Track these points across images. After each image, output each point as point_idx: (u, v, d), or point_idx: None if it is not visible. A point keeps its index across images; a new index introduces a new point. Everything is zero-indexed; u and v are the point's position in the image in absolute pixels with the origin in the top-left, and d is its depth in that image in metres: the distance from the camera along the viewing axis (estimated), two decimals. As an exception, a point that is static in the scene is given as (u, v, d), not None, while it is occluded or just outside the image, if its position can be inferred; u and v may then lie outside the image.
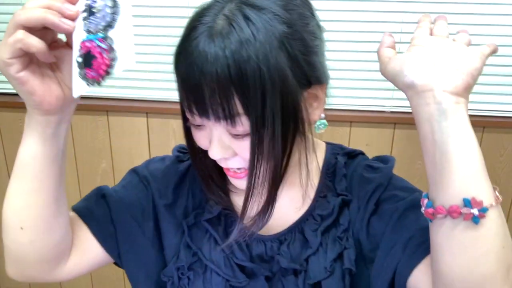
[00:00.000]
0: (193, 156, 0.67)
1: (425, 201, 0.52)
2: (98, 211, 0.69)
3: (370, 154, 0.85)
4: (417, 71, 0.50)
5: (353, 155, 0.73)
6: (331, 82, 0.68)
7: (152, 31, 1.52)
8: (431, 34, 0.57)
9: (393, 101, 1.52)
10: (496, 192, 0.50)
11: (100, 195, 0.71)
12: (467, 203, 0.48)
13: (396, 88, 0.57)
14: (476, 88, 1.62)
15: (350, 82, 1.51)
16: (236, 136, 0.56)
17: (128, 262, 0.70)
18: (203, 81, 0.51)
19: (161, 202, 0.72)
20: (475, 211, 0.47)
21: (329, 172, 0.71)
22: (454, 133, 0.50)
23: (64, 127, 0.59)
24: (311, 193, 0.70)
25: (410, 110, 0.53)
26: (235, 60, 0.50)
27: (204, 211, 0.71)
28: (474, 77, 0.51)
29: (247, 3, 0.53)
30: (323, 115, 0.64)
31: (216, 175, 0.69)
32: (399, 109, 1.52)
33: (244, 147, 0.56)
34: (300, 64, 0.56)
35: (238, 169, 0.61)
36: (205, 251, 0.68)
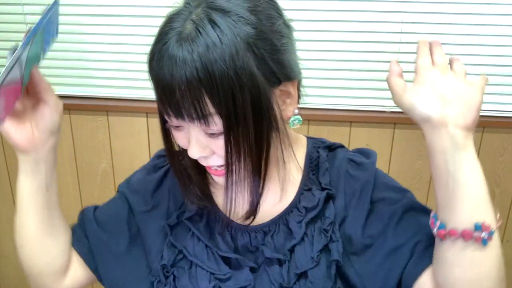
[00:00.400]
0: (171, 158, 0.70)
1: (437, 223, 0.58)
2: (77, 229, 0.79)
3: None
4: (432, 106, 0.55)
5: (333, 148, 0.76)
6: (331, 82, 0.68)
7: (152, 31, 1.52)
8: (432, 63, 0.62)
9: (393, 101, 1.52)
10: (498, 215, 0.57)
11: (81, 214, 0.82)
12: (478, 227, 0.55)
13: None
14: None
15: (350, 82, 1.51)
16: (211, 135, 0.59)
17: (105, 273, 0.76)
18: (174, 84, 0.54)
19: (140, 210, 0.77)
20: (484, 235, 0.55)
21: (312, 165, 0.74)
22: (466, 164, 0.55)
23: (43, 165, 0.67)
24: (295, 186, 0.72)
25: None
26: (202, 62, 0.53)
27: (185, 210, 0.74)
28: (479, 111, 0.56)
29: (213, 8, 0.56)
30: (296, 111, 0.67)
31: (195, 174, 0.71)
32: (399, 109, 1.52)
33: (220, 145, 0.59)
34: (267, 63, 0.58)
35: (219, 166, 0.64)
36: (189, 248, 0.71)
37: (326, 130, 1.53)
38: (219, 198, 0.74)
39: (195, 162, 0.67)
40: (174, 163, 0.70)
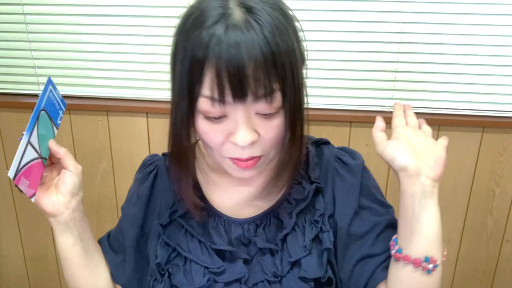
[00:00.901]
0: (181, 161, 0.71)
1: (396, 246, 0.67)
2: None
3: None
4: (409, 159, 0.64)
5: (320, 143, 0.80)
6: (331, 82, 0.70)
7: (152, 31, 1.53)
8: (406, 123, 0.71)
9: (393, 101, 1.52)
10: (445, 252, 0.67)
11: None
12: (427, 260, 0.65)
13: (396, 88, 0.61)
14: (476, 88, 1.63)
15: (350, 82, 1.51)
16: (266, 116, 0.61)
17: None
18: (248, 63, 0.56)
19: (136, 224, 0.80)
20: (431, 266, 0.65)
21: (301, 161, 0.76)
22: (429, 209, 0.64)
23: (71, 223, 0.76)
24: (285, 179, 0.74)
25: (410, 110, 0.55)
26: (272, 41, 0.57)
27: (178, 209, 0.76)
28: (444, 166, 0.65)
29: None
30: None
31: (194, 176, 0.75)
32: (399, 109, 1.52)
33: (272, 125, 0.62)
34: (300, 43, 0.64)
35: (251, 158, 0.65)
36: (183, 245, 0.73)
37: (326, 130, 1.53)
38: (212, 196, 0.76)
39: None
40: (182, 164, 0.72)
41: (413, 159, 0.63)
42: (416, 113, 1.59)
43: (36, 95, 1.66)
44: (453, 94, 1.49)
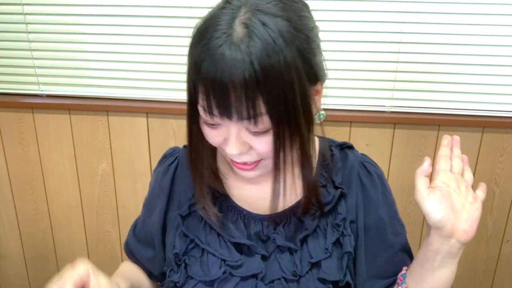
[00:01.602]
0: (195, 155, 0.72)
1: (403, 285, 0.69)
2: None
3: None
4: (446, 221, 0.62)
5: (344, 147, 0.81)
6: (331, 82, 0.70)
7: (152, 31, 1.53)
8: (450, 167, 0.69)
9: (393, 101, 1.52)
10: None
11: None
12: None
13: (396, 88, 0.60)
14: (476, 88, 1.63)
15: (350, 82, 1.51)
16: (255, 133, 0.61)
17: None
18: (230, 85, 0.56)
19: (161, 213, 0.80)
20: None
21: (325, 163, 0.77)
22: (448, 267, 0.65)
23: None
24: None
25: (410, 110, 0.56)
26: (260, 64, 0.55)
27: (198, 201, 0.76)
28: (476, 229, 0.64)
29: (261, 10, 0.58)
30: (321, 107, 0.73)
31: (209, 170, 0.75)
32: (399, 109, 1.52)
33: (262, 142, 0.62)
34: (311, 64, 0.62)
35: (250, 162, 0.66)
36: (202, 237, 0.74)
37: (326, 130, 1.51)
38: (233, 189, 0.77)
39: (214, 163, 0.73)
40: (196, 161, 0.72)
41: (450, 221, 0.62)
42: (416, 113, 1.60)
43: (36, 95, 1.66)
44: (453, 94, 1.49)
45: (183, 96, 1.66)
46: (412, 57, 1.47)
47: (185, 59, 0.63)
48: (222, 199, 0.76)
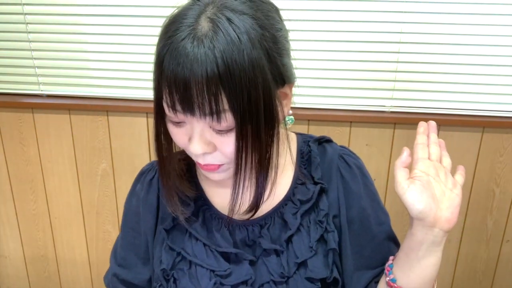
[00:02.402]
0: (161, 159, 0.70)
1: (391, 275, 0.69)
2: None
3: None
4: (428, 211, 0.62)
5: (322, 141, 0.79)
6: (331, 83, 0.69)
7: (152, 31, 1.53)
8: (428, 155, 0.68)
9: (393, 101, 1.52)
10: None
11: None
12: None
13: (396, 88, 0.60)
14: (476, 88, 1.63)
15: (350, 82, 1.51)
16: (219, 131, 0.60)
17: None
18: (192, 80, 0.55)
19: (152, 229, 0.78)
20: None
21: (304, 160, 0.76)
22: (433, 255, 0.66)
23: None
24: (288, 180, 0.75)
25: (410, 110, 0.55)
26: (223, 60, 0.54)
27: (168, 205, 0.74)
28: (458, 213, 0.64)
29: (227, 7, 0.57)
30: (290, 112, 0.70)
31: (181, 177, 0.73)
32: (399, 109, 1.52)
33: (226, 142, 0.61)
34: (277, 65, 0.61)
35: (210, 164, 0.65)
36: (188, 249, 0.72)
37: (326, 130, 1.53)
38: (214, 197, 0.76)
39: (181, 164, 0.71)
40: (163, 165, 0.70)
41: (432, 211, 0.62)
42: (416, 113, 1.60)
43: (36, 95, 1.66)
44: (453, 94, 1.49)
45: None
46: (412, 57, 1.47)
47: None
48: (205, 208, 0.75)
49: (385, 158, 1.55)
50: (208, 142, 0.62)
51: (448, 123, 1.50)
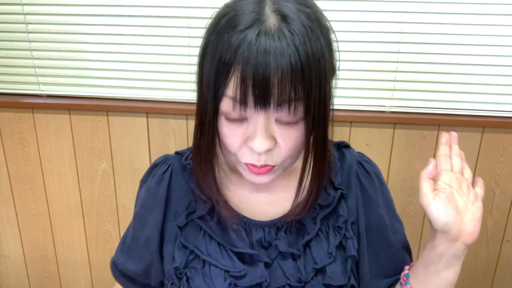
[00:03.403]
0: (206, 158, 0.67)
1: (407, 286, 0.69)
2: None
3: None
4: (452, 225, 0.62)
5: (341, 146, 0.79)
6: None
7: (152, 31, 1.53)
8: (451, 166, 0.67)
9: (393, 101, 1.52)
10: None
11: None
12: None
13: (396, 88, 0.60)
14: (476, 88, 1.63)
15: (350, 82, 1.51)
16: (287, 123, 0.60)
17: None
18: (272, 72, 0.55)
19: (158, 225, 0.77)
20: None
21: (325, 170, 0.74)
22: (453, 269, 0.65)
23: None
24: (307, 183, 0.73)
25: (410, 110, 0.55)
26: (304, 50, 0.56)
27: (196, 210, 0.73)
28: (480, 226, 0.64)
29: (286, 1, 0.59)
30: None
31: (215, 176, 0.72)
32: (399, 109, 1.52)
33: (291, 135, 0.61)
34: (333, 55, 0.63)
35: (265, 166, 0.64)
36: (202, 247, 0.71)
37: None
38: (232, 196, 0.75)
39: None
40: (208, 163, 0.68)
41: (456, 224, 0.62)
42: (416, 113, 1.59)
43: (36, 95, 1.66)
44: (453, 94, 1.49)
45: (183, 96, 1.66)
46: (412, 57, 1.47)
47: (185, 59, 0.63)
48: (220, 206, 0.73)
49: (385, 158, 1.55)
50: (271, 137, 0.61)
51: (448, 123, 1.50)
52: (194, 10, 1.48)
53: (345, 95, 1.52)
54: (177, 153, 0.80)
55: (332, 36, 0.63)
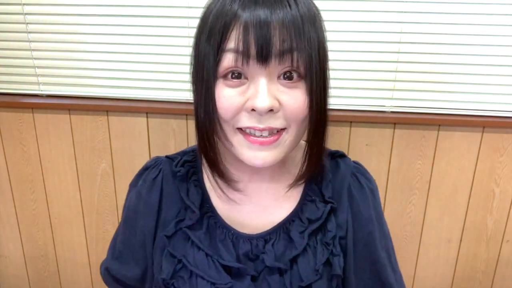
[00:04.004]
0: (211, 143, 0.65)
1: None
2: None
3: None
4: None
5: (336, 156, 0.76)
6: (331, 82, 0.70)
7: (152, 31, 1.53)
8: None
9: (393, 101, 1.52)
10: None
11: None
12: None
13: (396, 88, 0.60)
14: (476, 88, 1.63)
15: (350, 82, 1.51)
16: (289, 82, 0.60)
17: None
18: (275, 23, 0.56)
19: (151, 232, 0.75)
20: None
21: (314, 174, 0.72)
22: None
23: None
24: (297, 195, 0.72)
25: (410, 110, 0.56)
26: (305, 6, 0.59)
27: (185, 218, 0.72)
28: None
29: None
30: None
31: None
32: (399, 109, 1.52)
33: (295, 96, 0.60)
34: (325, 39, 0.65)
35: (269, 135, 0.62)
36: (189, 257, 0.70)
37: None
38: (221, 207, 0.73)
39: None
40: (213, 146, 0.65)
41: None
42: (416, 113, 1.60)
43: (36, 95, 1.66)
44: (453, 94, 1.49)
45: (183, 96, 1.66)
46: (412, 57, 1.47)
47: (185, 59, 0.63)
48: (210, 215, 0.72)
49: (385, 158, 1.55)
50: (273, 97, 0.59)
51: (448, 123, 1.50)
52: (194, 10, 1.48)
53: (345, 95, 1.52)
54: (167, 157, 0.78)
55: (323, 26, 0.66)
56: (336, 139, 1.54)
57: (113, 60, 1.58)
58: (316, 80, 0.60)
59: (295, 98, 0.60)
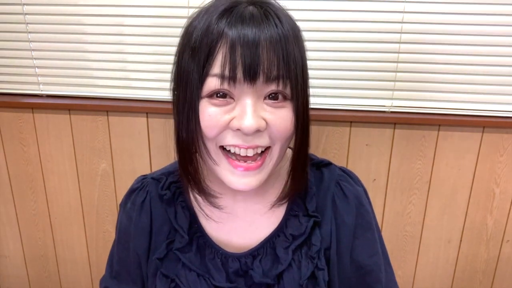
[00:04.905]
0: (189, 161, 0.66)
1: None
2: None
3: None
4: None
5: (321, 165, 0.75)
6: (331, 82, 0.70)
7: (152, 31, 1.53)
8: None
9: (393, 101, 1.52)
10: None
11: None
12: None
13: (396, 88, 0.60)
14: (476, 88, 1.63)
15: (350, 82, 1.51)
16: (275, 103, 0.59)
17: None
18: (262, 43, 0.55)
19: (145, 254, 0.76)
20: None
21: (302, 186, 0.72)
22: None
23: None
24: (282, 209, 0.72)
25: (410, 110, 0.56)
26: (289, 25, 0.58)
27: (175, 240, 0.73)
28: None
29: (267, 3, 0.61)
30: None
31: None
32: (399, 109, 1.52)
33: (281, 115, 0.60)
34: (305, 53, 0.64)
35: (254, 154, 0.61)
36: (182, 278, 0.70)
37: (326, 130, 1.53)
38: (209, 227, 0.74)
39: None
40: (193, 164, 0.66)
41: None
42: (416, 113, 1.60)
43: (36, 95, 1.66)
44: (453, 94, 1.49)
45: (183, 96, 1.64)
46: (412, 57, 1.47)
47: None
48: (199, 235, 0.73)
49: (385, 158, 1.55)
50: (260, 116, 0.58)
51: (448, 123, 1.50)
52: (194, 10, 1.47)
53: (345, 95, 1.52)
54: (153, 178, 0.78)
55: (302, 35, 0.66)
56: (336, 139, 1.54)
57: (113, 60, 1.58)
58: (301, 99, 0.59)
59: (281, 118, 0.60)
